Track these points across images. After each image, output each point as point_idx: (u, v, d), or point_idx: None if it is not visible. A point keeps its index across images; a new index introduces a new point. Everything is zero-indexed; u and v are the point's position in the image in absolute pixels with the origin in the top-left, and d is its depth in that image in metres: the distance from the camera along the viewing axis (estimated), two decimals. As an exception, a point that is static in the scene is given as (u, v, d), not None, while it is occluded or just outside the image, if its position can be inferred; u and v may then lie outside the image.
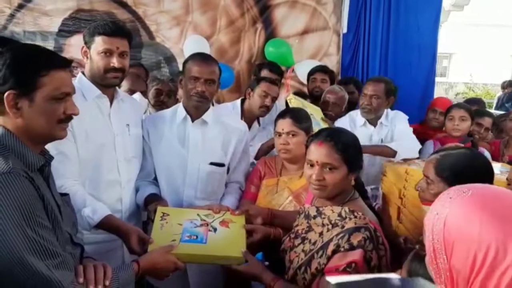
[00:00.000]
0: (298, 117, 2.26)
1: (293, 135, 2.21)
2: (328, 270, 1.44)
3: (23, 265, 1.11)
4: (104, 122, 2.04)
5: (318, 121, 2.78)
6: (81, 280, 1.26)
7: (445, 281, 0.91)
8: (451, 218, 0.89)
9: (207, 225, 1.82)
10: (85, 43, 1.99)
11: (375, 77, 3.42)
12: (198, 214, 1.89)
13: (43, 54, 1.29)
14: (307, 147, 1.65)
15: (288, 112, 2.35)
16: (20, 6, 4.15)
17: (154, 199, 2.07)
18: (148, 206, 2.03)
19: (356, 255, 1.40)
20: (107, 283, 1.29)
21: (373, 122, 3.11)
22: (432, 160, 1.65)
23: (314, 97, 3.60)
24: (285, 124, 2.23)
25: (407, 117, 3.20)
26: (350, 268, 1.40)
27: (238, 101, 3.12)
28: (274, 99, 2.95)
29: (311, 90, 3.72)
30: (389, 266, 1.50)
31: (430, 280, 1.15)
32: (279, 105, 3.32)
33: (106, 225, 1.81)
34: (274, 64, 3.70)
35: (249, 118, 2.95)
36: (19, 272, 1.11)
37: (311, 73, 3.86)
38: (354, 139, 1.65)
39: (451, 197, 0.92)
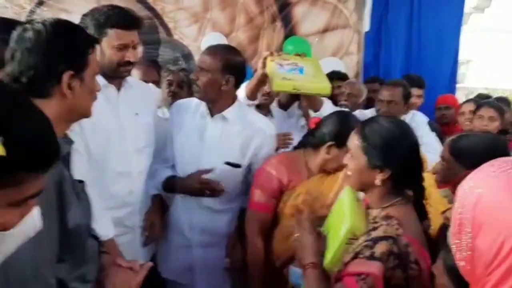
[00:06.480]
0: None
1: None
2: (346, 273, 1.25)
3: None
4: (111, 112, 1.91)
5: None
6: None
7: (464, 259, 0.83)
8: (487, 196, 0.79)
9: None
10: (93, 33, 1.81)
11: (392, 80, 3.15)
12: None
13: (84, 31, 1.28)
14: None
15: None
16: (40, 3, 4.16)
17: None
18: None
19: (372, 267, 1.18)
20: None
21: None
22: (448, 141, 1.67)
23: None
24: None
25: (426, 119, 2.96)
26: (364, 280, 1.18)
27: None
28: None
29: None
30: None
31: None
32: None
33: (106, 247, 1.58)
34: None
35: None
36: None
37: None
38: (391, 132, 1.34)
39: (494, 171, 0.81)
